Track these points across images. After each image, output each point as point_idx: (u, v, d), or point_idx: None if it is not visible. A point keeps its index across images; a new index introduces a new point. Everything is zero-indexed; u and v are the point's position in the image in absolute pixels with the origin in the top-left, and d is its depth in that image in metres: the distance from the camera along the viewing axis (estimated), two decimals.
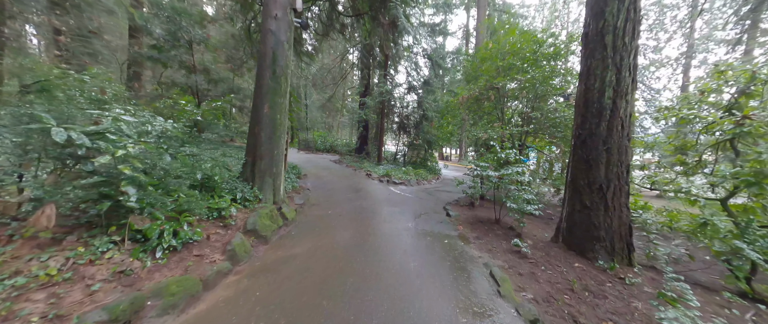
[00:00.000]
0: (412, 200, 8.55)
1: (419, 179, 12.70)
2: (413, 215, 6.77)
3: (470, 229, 6.00)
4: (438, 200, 9.01)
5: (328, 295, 3.05)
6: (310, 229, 5.16)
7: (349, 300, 2.98)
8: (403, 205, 7.72)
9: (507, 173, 5.78)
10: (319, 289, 3.16)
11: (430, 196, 9.71)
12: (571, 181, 4.85)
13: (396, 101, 15.85)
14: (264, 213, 4.63)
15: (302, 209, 6.21)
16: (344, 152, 18.66)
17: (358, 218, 6.10)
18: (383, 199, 8.32)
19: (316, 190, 8.52)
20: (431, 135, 15.25)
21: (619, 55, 4.43)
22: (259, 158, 5.37)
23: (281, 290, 3.10)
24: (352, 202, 7.59)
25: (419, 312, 2.86)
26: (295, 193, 7.31)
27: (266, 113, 5.42)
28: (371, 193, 9.04)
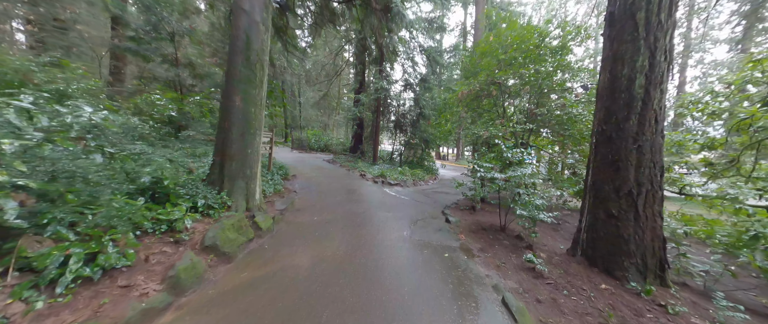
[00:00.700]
0: (409, 203, 7.74)
1: (416, 180, 11.90)
2: (409, 221, 5.96)
3: (473, 238, 5.20)
4: (436, 203, 8.21)
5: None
6: (288, 241, 4.33)
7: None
8: (399, 210, 6.91)
9: (514, 175, 4.99)
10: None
11: (428, 198, 8.91)
12: (592, 186, 4.07)
13: (392, 99, 15.03)
14: (229, 224, 3.79)
15: (283, 216, 5.37)
16: (339, 151, 17.81)
17: (347, 226, 5.28)
18: (377, 202, 7.51)
19: (303, 193, 7.68)
20: (428, 134, 14.45)
21: (652, 35, 3.64)
22: (228, 158, 4.52)
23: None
24: (343, 206, 6.76)
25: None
26: (278, 196, 6.47)
27: (238, 106, 4.58)
28: (364, 195, 8.22)
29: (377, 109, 13.90)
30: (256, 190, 4.89)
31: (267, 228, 4.47)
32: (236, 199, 4.50)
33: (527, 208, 4.58)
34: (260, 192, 5.13)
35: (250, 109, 4.70)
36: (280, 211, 5.58)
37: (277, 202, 5.99)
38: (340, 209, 6.47)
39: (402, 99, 14.44)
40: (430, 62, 14.58)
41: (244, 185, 4.64)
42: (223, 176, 4.49)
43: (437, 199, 8.82)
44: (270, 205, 5.62)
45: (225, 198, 4.31)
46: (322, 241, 4.41)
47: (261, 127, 4.99)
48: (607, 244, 3.82)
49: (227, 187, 4.48)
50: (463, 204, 8.22)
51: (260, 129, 4.98)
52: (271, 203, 5.76)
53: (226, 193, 4.42)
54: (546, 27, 8.86)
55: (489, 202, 8.14)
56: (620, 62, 3.82)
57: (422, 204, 7.91)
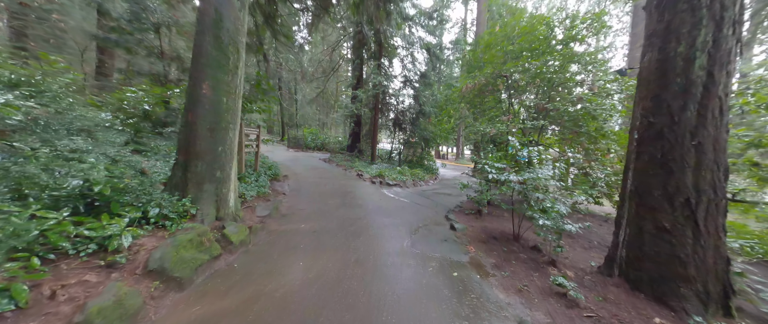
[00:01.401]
0: (409, 207, 6.94)
1: (416, 180, 11.10)
2: (410, 229, 5.16)
3: (484, 249, 4.40)
4: (438, 206, 7.41)
5: None
6: (265, 257, 3.52)
7: None
8: (398, 214, 6.10)
9: (532, 177, 4.18)
10: None
11: (429, 200, 8.10)
12: (635, 192, 3.27)
13: (391, 96, 14.22)
14: (186, 239, 2.98)
15: (265, 224, 4.56)
16: (336, 150, 16.99)
17: (339, 235, 4.47)
18: (374, 205, 6.70)
19: (293, 196, 6.87)
20: (428, 132, 13.65)
21: (718, 1, 2.84)
22: (194, 158, 3.70)
23: None
24: (336, 210, 5.96)
25: None
26: (262, 200, 5.65)
27: (206, 95, 3.76)
28: (361, 197, 7.41)
29: (375, 106, 13.08)
30: (230, 194, 4.07)
31: (240, 241, 3.65)
32: (203, 207, 3.68)
33: (550, 216, 3.78)
34: (236, 197, 4.31)
35: (222, 99, 3.88)
36: (261, 218, 4.77)
37: (259, 207, 5.17)
38: (333, 214, 5.66)
39: (401, 95, 13.62)
40: (430, 58, 13.75)
41: (213, 190, 3.82)
42: (187, 179, 3.67)
43: (439, 202, 8.02)
44: (250, 212, 4.80)
45: (187, 205, 3.50)
46: (306, 257, 3.60)
47: (237, 121, 4.17)
48: (657, 265, 3.02)
49: (192, 192, 3.67)
50: (467, 207, 7.43)
51: (236, 123, 4.15)
52: (252, 209, 4.94)
53: (190, 200, 3.60)
54: (557, 15, 8.06)
55: (497, 204, 7.33)
56: (674, 38, 3.02)
57: (424, 207, 7.10)
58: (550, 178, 4.16)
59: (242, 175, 5.99)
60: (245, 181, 5.89)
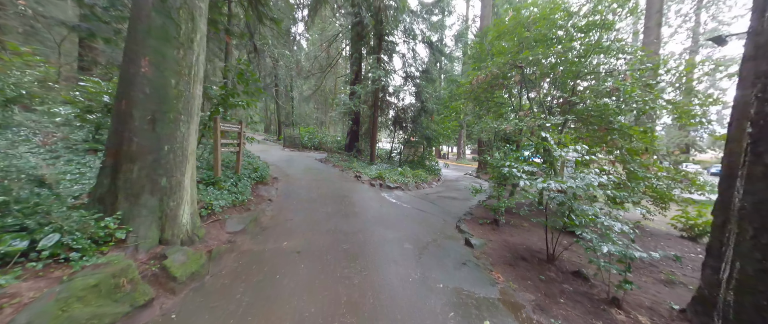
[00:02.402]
0: (414, 215, 5.87)
1: (418, 182, 10.04)
2: (417, 245, 4.11)
3: (514, 276, 3.35)
4: (446, 214, 6.35)
5: None
6: (221, 298, 2.46)
7: None
8: (402, 225, 5.04)
9: (578, 185, 3.13)
10: None
11: (435, 206, 7.05)
12: (752, 210, 2.23)
13: (391, 94, 13.14)
14: (88, 284, 1.91)
15: (235, 244, 3.50)
16: (333, 150, 15.90)
17: (329, 258, 3.42)
18: (374, 214, 5.64)
19: (280, 203, 5.81)
20: (431, 130, 12.59)
21: None
22: (126, 160, 2.63)
23: None
24: (329, 221, 4.89)
25: None
26: (239, 210, 4.57)
27: (145, 74, 2.68)
28: (358, 204, 6.35)
29: (375, 103, 12.01)
30: (182, 209, 2.99)
31: (190, 274, 2.58)
32: (138, 228, 2.61)
33: (610, 239, 2.74)
34: (193, 210, 3.23)
35: (169, 81, 2.80)
36: (232, 234, 3.70)
37: (232, 219, 4.09)
38: (325, 226, 4.60)
39: (402, 91, 12.55)
40: (432, 52, 12.68)
41: (154, 203, 2.74)
42: (117, 189, 2.60)
43: (446, 208, 6.96)
44: (217, 227, 3.73)
45: (111, 228, 2.43)
46: (282, 296, 2.54)
47: (192, 111, 3.09)
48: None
49: (123, 206, 2.59)
50: (479, 214, 6.38)
51: (191, 115, 3.07)
52: (221, 223, 3.86)
53: (120, 218, 2.53)
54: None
55: (515, 212, 6.28)
56: None
57: (430, 215, 6.04)
58: (605, 186, 3.10)
59: (216, 180, 4.91)
60: (220, 187, 4.81)
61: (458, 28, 19.03)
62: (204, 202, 3.85)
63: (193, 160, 3.19)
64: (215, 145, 4.98)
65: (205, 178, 4.90)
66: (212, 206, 3.85)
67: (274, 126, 22.13)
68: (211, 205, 3.86)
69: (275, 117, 20.86)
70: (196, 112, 3.16)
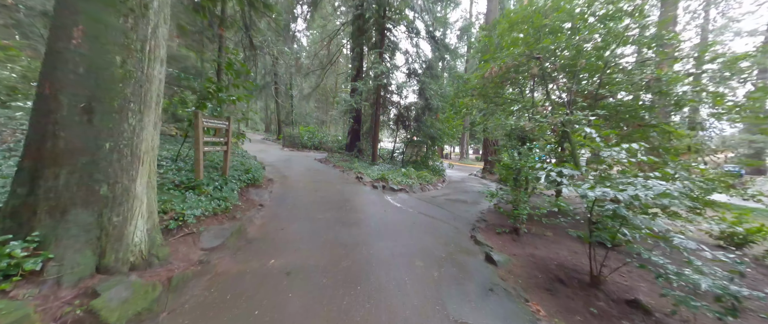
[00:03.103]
0: (421, 223, 5.15)
1: (423, 183, 9.33)
2: (430, 265, 3.38)
3: (558, 310, 2.62)
4: (457, 220, 5.63)
5: None
6: None
7: None
8: (409, 236, 4.32)
9: (642, 194, 2.40)
10: None
11: (444, 211, 6.32)
12: None
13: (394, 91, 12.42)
14: None
15: (209, 265, 2.79)
16: (334, 149, 15.21)
17: (325, 282, 2.71)
18: (378, 221, 4.92)
19: (275, 208, 5.10)
20: (435, 129, 11.85)
21: None
22: (50, 161, 1.92)
23: None
24: (327, 231, 4.18)
25: None
26: (220, 219, 3.85)
27: (78, 48, 1.98)
28: (360, 209, 5.64)
29: (377, 100, 11.29)
30: (132, 224, 2.28)
31: (133, 316, 1.88)
32: (63, 253, 1.90)
33: (698, 270, 2.02)
34: (149, 226, 2.51)
35: (111, 58, 2.09)
36: (206, 252, 2.99)
37: (209, 232, 3.37)
38: (322, 238, 3.89)
39: (405, 88, 11.82)
40: (436, 47, 11.94)
41: (90, 219, 2.03)
42: (36, 201, 1.89)
43: (456, 213, 6.24)
44: (187, 244, 3.01)
45: (16, 255, 1.72)
46: None
47: (148, 98, 2.36)
48: None
49: (44, 224, 1.88)
50: (493, 220, 5.66)
51: (146, 103, 2.35)
52: (193, 238, 3.14)
53: (39, 239, 1.83)
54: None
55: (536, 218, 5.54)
56: None
57: (440, 222, 5.32)
58: (679, 195, 2.37)
59: (197, 184, 4.21)
60: (201, 192, 4.11)
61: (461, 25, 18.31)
62: (174, 211, 3.14)
63: (151, 161, 2.48)
64: (196, 144, 4.27)
65: (184, 182, 4.19)
66: (184, 217, 3.14)
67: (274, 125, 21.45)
68: (183, 215, 3.15)
69: (275, 116, 20.17)
70: (155, 101, 2.45)
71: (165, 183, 3.96)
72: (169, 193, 3.61)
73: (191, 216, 3.22)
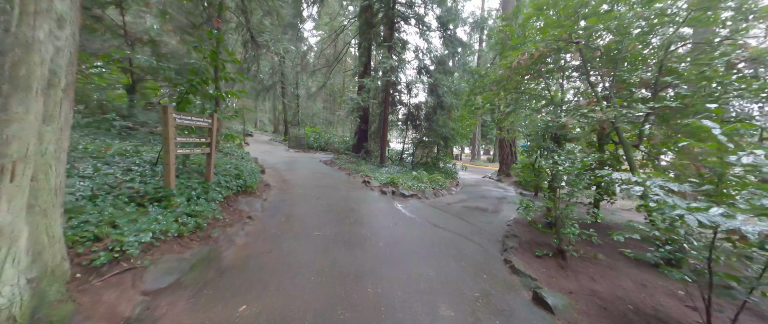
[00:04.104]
0: (440, 240, 4.13)
1: (436, 188, 8.31)
2: (462, 311, 2.38)
3: None
4: (482, 235, 4.60)
5: None
6: None
7: None
8: (428, 263, 3.32)
9: None
10: None
11: (464, 223, 5.30)
12: None
13: (403, 89, 11.44)
14: None
15: (145, 321, 1.90)
16: (341, 150, 14.32)
17: None
18: (388, 239, 3.94)
19: (264, 222, 4.20)
20: (448, 129, 10.81)
21: None
22: None
23: None
24: (325, 254, 3.24)
25: None
26: (185, 243, 2.95)
27: None
28: (367, 221, 4.68)
29: (385, 98, 10.32)
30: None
31: None
32: None
33: None
34: (28, 276, 1.59)
35: None
36: (148, 297, 2.07)
37: (159, 264, 2.44)
38: (317, 265, 2.95)
39: (415, 86, 10.82)
40: (448, 42, 10.89)
41: None
42: None
43: (479, 225, 5.21)
44: (122, 285, 2.09)
45: None
46: None
47: (25, 78, 1.46)
48: None
49: None
50: (524, 234, 4.61)
51: (20, 85, 1.44)
52: (134, 275, 2.22)
53: None
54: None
55: (586, 237, 4.47)
56: None
57: (461, 239, 4.31)
58: None
59: (167, 194, 3.33)
60: (170, 205, 3.23)
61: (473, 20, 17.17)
62: (111, 239, 2.24)
63: (42, 173, 1.58)
64: (165, 145, 3.39)
65: (149, 193, 3.32)
66: (122, 245, 2.23)
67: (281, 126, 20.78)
68: (121, 243, 2.25)
69: (283, 117, 19.47)
70: (45, 81, 1.54)
71: (122, 195, 3.09)
72: (121, 210, 2.73)
73: (135, 243, 2.31)
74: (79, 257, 2.06)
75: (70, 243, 2.07)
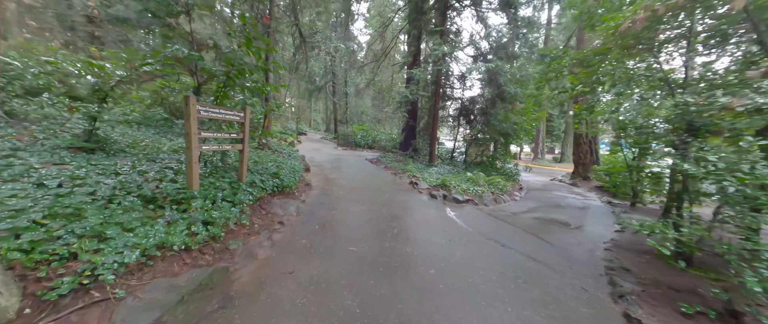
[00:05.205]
0: (513, 269, 2.93)
1: (496, 192, 6.90)
2: None
3: None
4: (569, 261, 3.26)
5: None
6: None
7: None
8: (502, 308, 2.19)
9: None
10: None
11: (539, 241, 3.96)
12: None
13: (454, 79, 10.11)
14: None
15: None
16: (388, 148, 13.58)
17: None
18: (440, 263, 2.92)
19: (295, 231, 3.58)
20: (510, 123, 9.15)
21: None
22: None
23: None
24: (358, 281, 2.40)
25: None
26: (193, 259, 2.39)
27: None
28: (414, 235, 3.73)
29: (436, 91, 9.16)
30: None
31: None
32: None
33: None
34: None
35: None
36: None
37: (138, 295, 1.87)
38: (342, 304, 2.12)
39: (472, 73, 9.38)
40: (512, 21, 9.16)
41: None
42: None
43: (561, 246, 3.82)
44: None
45: None
46: None
47: None
48: None
49: None
50: (643, 271, 3.12)
51: None
52: (102, 311, 1.68)
53: None
54: None
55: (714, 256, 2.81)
56: None
57: (543, 267, 3.04)
58: None
59: (187, 196, 2.89)
60: (187, 209, 2.76)
61: None
62: (84, 260, 1.73)
63: None
64: (188, 140, 2.95)
65: (171, 194, 2.91)
66: (95, 268, 1.70)
67: (332, 124, 21.09)
68: (94, 266, 1.70)
69: (333, 115, 19.65)
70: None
71: (142, 195, 2.71)
72: (125, 215, 2.29)
73: (115, 266, 1.77)
74: (39, 283, 1.56)
75: (32, 264, 1.59)
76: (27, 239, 1.66)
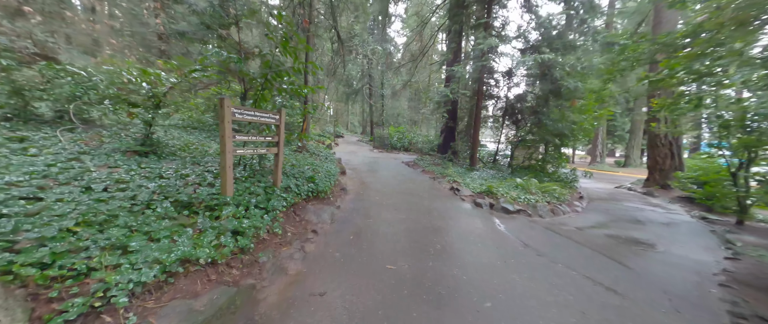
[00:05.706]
0: (595, 304, 2.22)
1: (552, 202, 5.96)
2: None
3: None
4: (666, 296, 2.42)
5: None
6: None
7: None
8: None
9: None
10: None
11: (618, 265, 3.12)
12: None
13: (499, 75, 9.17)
14: None
15: None
16: (425, 151, 12.98)
17: None
18: (496, 298, 2.34)
19: (327, 241, 3.29)
20: (567, 123, 7.99)
21: None
22: None
23: None
24: (397, 310, 2.01)
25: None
26: (218, 273, 2.19)
27: None
28: (459, 254, 3.20)
29: (479, 89, 8.38)
30: None
31: None
32: None
33: None
34: None
35: None
36: None
37: (160, 317, 1.67)
38: None
39: (519, 67, 8.39)
40: (568, 5, 8.00)
41: None
42: None
43: (649, 275, 2.94)
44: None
45: None
46: None
47: None
48: None
49: None
50: None
51: None
52: None
53: None
54: None
55: None
56: None
57: (633, 305, 2.27)
58: None
59: (220, 202, 2.74)
60: (218, 217, 2.60)
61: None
62: (97, 278, 1.56)
63: None
64: (222, 144, 2.82)
65: (204, 200, 2.80)
66: (107, 291, 1.52)
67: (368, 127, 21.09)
68: (107, 287, 1.52)
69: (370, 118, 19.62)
70: None
71: (179, 202, 2.62)
72: (157, 223, 2.17)
73: (131, 285, 1.58)
74: (48, 305, 1.41)
75: (47, 281, 1.45)
76: (49, 251, 1.54)
